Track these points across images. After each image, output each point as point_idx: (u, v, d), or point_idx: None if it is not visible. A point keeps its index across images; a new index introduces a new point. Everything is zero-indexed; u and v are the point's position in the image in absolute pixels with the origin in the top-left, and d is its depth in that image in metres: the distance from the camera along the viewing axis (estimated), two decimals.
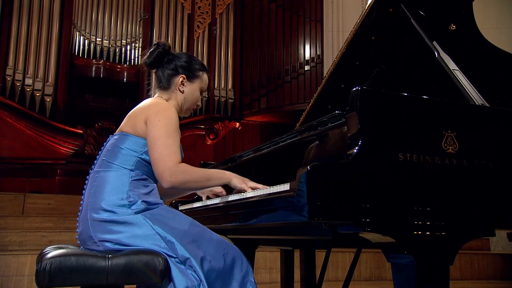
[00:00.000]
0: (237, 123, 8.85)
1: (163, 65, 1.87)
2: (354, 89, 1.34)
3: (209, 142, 8.63)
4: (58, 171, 7.36)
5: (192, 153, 8.24)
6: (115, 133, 1.79)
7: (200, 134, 8.63)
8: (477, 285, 5.27)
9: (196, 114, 8.64)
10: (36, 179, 7.18)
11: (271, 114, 8.94)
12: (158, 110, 1.71)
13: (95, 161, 1.77)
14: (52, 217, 5.59)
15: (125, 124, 1.77)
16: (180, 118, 1.83)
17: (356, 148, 1.28)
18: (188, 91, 1.87)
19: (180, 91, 1.86)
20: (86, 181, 1.73)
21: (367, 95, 1.34)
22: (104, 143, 1.81)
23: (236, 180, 1.75)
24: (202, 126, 8.63)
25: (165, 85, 1.86)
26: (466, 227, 1.37)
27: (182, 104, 1.88)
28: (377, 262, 5.37)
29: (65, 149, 7.60)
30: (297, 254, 2.62)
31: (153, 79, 1.91)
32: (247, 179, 1.77)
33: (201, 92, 1.92)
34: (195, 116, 8.59)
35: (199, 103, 1.95)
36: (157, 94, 1.89)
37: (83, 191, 1.72)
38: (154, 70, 1.90)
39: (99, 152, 1.79)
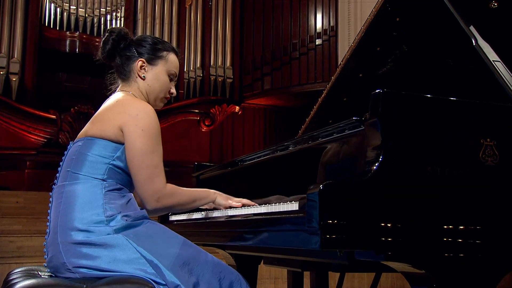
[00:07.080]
0: (237, 107, 8.83)
1: (119, 52, 1.86)
2: (375, 92, 1.32)
3: (204, 128, 8.63)
4: (28, 163, 7.39)
5: (185, 141, 8.26)
6: (77, 139, 1.77)
7: (194, 120, 8.62)
8: None
9: (189, 96, 8.63)
10: (1, 172, 7.20)
11: (276, 96, 8.92)
12: (136, 114, 1.70)
13: (57, 174, 1.76)
14: (21, 218, 5.61)
15: (91, 128, 1.75)
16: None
17: (377, 163, 1.27)
18: (151, 76, 1.86)
19: (141, 78, 1.85)
20: (51, 199, 1.72)
21: (390, 99, 1.33)
22: (65, 152, 1.79)
23: (220, 198, 1.88)
24: (197, 111, 8.62)
25: (126, 75, 1.86)
26: (508, 256, 1.36)
27: (147, 94, 1.87)
28: None
29: (36, 137, 7.61)
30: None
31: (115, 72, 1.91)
32: (230, 196, 1.89)
33: (171, 76, 1.91)
34: (188, 99, 8.58)
35: (173, 90, 1.93)
36: (119, 87, 1.88)
37: (49, 211, 1.71)
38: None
39: (61, 163, 1.77)
